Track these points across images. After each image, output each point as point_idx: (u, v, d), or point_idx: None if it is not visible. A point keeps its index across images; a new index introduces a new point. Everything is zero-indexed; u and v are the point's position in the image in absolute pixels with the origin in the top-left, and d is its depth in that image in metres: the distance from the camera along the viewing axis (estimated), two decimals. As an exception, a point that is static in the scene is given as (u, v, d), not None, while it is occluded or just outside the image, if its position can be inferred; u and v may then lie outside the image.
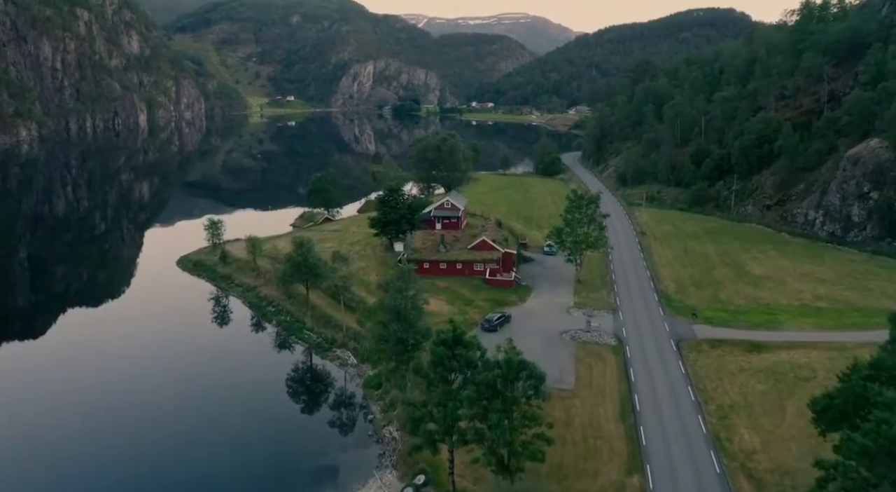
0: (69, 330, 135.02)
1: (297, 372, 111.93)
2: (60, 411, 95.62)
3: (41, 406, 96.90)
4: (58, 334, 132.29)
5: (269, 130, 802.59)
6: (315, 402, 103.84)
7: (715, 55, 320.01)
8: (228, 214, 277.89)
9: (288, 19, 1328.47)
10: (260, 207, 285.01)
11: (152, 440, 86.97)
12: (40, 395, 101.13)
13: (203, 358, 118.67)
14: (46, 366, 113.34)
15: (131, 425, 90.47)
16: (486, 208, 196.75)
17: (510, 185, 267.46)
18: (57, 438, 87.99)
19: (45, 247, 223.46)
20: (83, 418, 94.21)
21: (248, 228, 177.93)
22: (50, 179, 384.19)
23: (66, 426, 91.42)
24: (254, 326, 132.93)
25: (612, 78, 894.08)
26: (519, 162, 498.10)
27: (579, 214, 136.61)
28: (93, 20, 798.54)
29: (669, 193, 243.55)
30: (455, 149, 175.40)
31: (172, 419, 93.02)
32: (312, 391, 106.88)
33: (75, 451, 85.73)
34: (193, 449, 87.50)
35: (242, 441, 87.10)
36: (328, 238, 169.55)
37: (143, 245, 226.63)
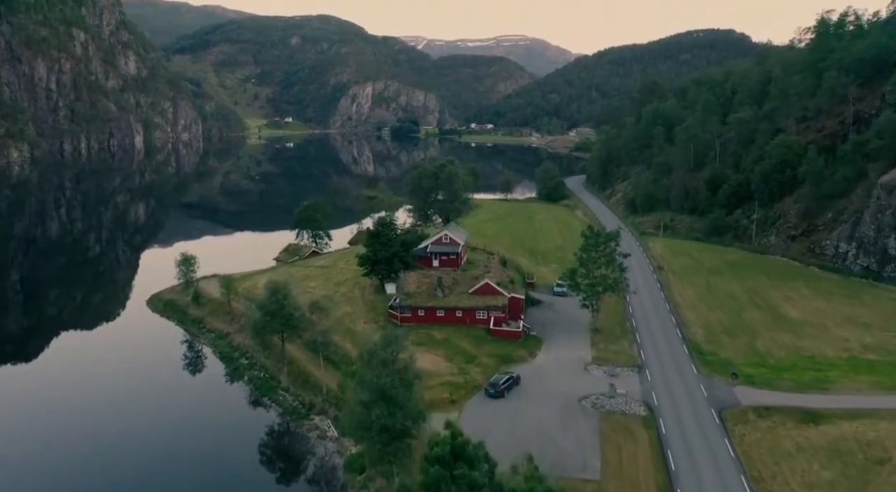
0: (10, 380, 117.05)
1: (266, 444, 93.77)
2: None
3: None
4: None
5: (267, 152, 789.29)
6: (285, 481, 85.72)
7: (725, 75, 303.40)
8: (224, 235, 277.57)
9: (287, 41, 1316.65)
10: (258, 229, 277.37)
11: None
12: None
13: (163, 421, 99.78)
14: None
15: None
16: (488, 241, 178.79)
17: (512, 212, 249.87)
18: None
19: (18, 274, 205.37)
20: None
21: (231, 258, 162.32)
22: (42, 201, 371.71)
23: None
24: (224, 382, 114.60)
25: (612, 99, 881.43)
26: (518, 183, 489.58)
27: (596, 253, 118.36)
28: (89, 41, 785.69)
29: (684, 221, 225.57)
30: (454, 177, 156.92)
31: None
32: (283, 470, 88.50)
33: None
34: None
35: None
36: (313, 276, 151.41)
37: (122, 277, 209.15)
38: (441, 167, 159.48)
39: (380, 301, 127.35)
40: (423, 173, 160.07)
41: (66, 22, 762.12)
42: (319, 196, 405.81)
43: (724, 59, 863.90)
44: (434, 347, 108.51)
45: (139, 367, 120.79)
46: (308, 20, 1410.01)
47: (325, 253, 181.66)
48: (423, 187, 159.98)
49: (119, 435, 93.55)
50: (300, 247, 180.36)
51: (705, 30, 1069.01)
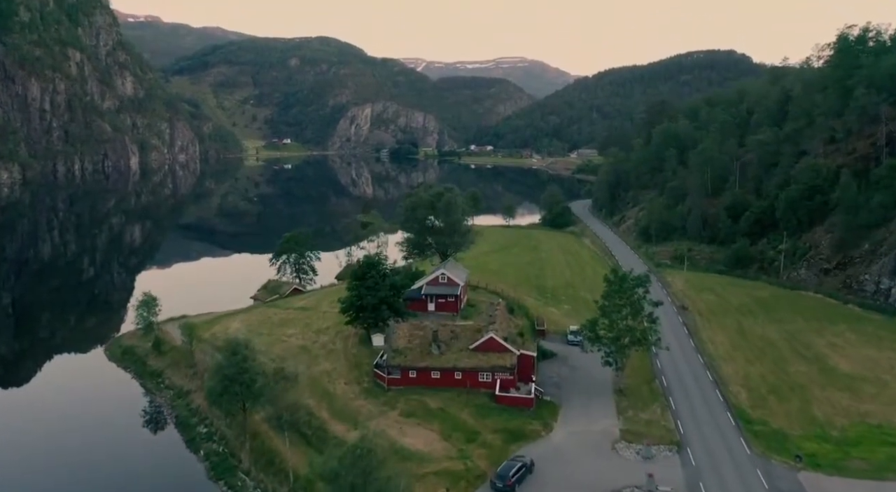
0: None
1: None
2: None
3: None
4: None
5: (265, 173, 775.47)
6: None
7: (739, 95, 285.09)
8: (221, 257, 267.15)
9: (286, 62, 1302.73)
10: (256, 251, 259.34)
11: None
12: None
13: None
14: None
15: None
16: (491, 277, 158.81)
17: (516, 241, 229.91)
18: None
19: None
20: None
21: (212, 290, 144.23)
22: (35, 223, 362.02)
23: None
24: (176, 456, 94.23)
25: (613, 120, 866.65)
26: (519, 205, 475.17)
27: (621, 300, 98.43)
28: (85, 61, 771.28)
29: (703, 251, 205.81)
30: (453, 206, 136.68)
31: None
32: None
33: None
34: None
35: None
36: (291, 320, 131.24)
37: (100, 310, 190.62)
38: (438, 196, 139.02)
39: (365, 355, 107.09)
40: (418, 203, 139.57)
41: (61, 42, 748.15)
42: (315, 218, 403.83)
43: (725, 80, 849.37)
44: (427, 419, 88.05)
45: (79, 431, 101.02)
46: (307, 42, 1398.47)
47: (309, 291, 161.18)
48: (417, 218, 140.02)
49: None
50: (280, 284, 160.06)
51: (705, 50, 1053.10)
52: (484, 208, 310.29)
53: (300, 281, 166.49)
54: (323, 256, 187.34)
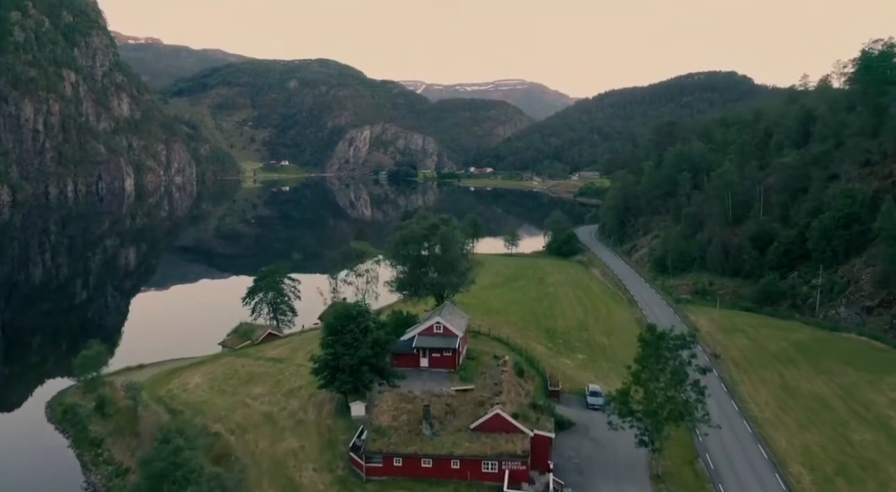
0: None
1: None
2: None
3: None
4: None
5: (263, 195, 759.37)
6: None
7: (755, 115, 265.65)
8: (219, 279, 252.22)
9: (285, 84, 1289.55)
10: (253, 273, 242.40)
11: None
12: None
13: None
14: None
15: None
16: (494, 318, 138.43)
17: (520, 272, 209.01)
18: None
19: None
20: None
21: (183, 329, 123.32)
22: (25, 245, 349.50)
23: None
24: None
25: (614, 142, 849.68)
26: (519, 227, 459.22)
27: (659, 365, 77.87)
28: (80, 82, 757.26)
29: (725, 285, 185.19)
30: (450, 242, 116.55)
31: None
32: None
33: None
34: None
35: None
36: (260, 375, 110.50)
37: (75, 342, 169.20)
38: (432, 228, 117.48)
39: (341, 429, 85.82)
40: (409, 236, 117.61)
41: (56, 62, 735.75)
42: (314, 241, 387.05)
43: (726, 101, 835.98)
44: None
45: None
46: (307, 64, 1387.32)
47: (286, 336, 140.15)
48: (409, 255, 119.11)
49: None
50: (253, 327, 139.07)
51: (706, 72, 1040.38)
52: (484, 231, 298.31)
53: (277, 324, 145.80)
54: (307, 290, 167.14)
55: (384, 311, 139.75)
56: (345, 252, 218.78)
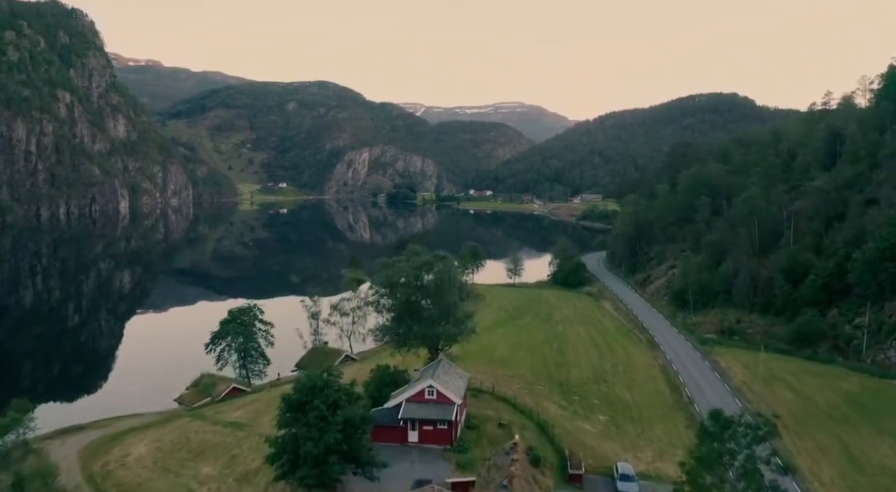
0: None
1: None
2: None
3: None
4: None
5: (260, 218, 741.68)
6: None
7: (774, 135, 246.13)
8: (217, 301, 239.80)
9: (284, 106, 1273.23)
10: (251, 296, 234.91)
11: None
12: None
13: None
14: None
15: None
16: (498, 368, 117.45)
17: (525, 306, 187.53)
18: None
19: None
20: None
21: (143, 376, 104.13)
22: (17, 269, 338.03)
23: None
24: None
25: (616, 164, 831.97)
26: (519, 250, 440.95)
27: (723, 461, 57.11)
28: (75, 103, 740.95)
29: (755, 323, 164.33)
30: (446, 286, 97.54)
31: None
32: None
33: None
34: None
35: None
36: (214, 447, 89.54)
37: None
38: (425, 266, 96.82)
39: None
40: (396, 277, 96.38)
41: (51, 83, 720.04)
42: (311, 264, 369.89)
43: (728, 123, 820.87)
44: None
45: None
46: (306, 86, 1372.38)
47: (254, 391, 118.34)
48: (396, 299, 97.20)
49: None
50: (215, 380, 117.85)
51: (707, 94, 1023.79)
52: (484, 255, 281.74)
53: (247, 373, 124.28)
54: (286, 329, 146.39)
55: (369, 357, 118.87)
56: (334, 277, 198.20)
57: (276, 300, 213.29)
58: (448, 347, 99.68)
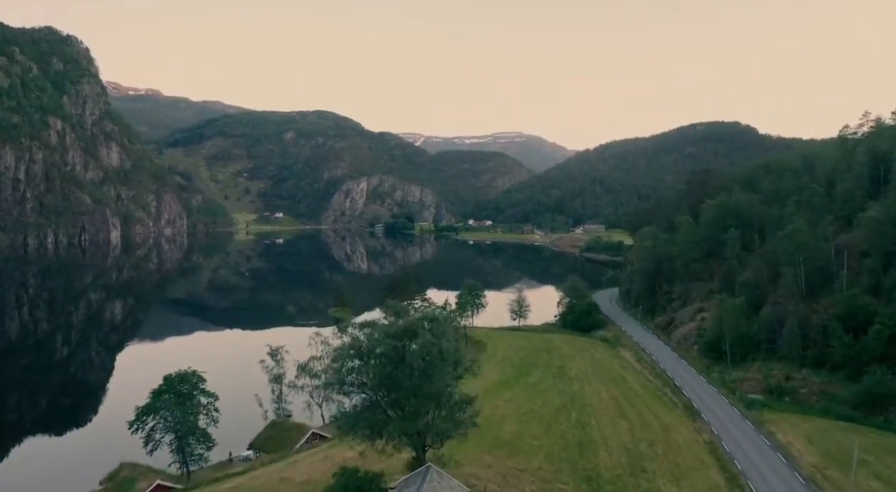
0: None
1: None
2: None
3: None
4: None
5: (256, 248, 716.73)
6: None
7: (804, 161, 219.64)
8: (214, 334, 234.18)
9: (282, 135, 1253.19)
10: (248, 327, 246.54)
11: None
12: None
13: None
14: None
15: None
16: (506, 460, 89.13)
17: (533, 357, 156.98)
18: None
19: None
20: None
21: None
22: (2, 299, 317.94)
23: None
24: None
25: (618, 194, 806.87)
26: (518, 280, 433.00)
27: None
28: (67, 130, 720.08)
29: (809, 381, 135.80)
30: (436, 362, 62.60)
31: None
32: None
33: None
34: None
35: None
36: None
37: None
38: (409, 332, 66.73)
39: None
40: (371, 347, 65.90)
41: (42, 109, 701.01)
42: (309, 295, 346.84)
43: (731, 151, 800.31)
44: None
45: None
46: (304, 115, 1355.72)
47: (187, 489, 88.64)
48: (365, 383, 66.89)
49: None
50: (135, 474, 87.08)
51: (709, 122, 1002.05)
52: (484, 284, 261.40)
53: (184, 459, 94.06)
54: (247, 391, 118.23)
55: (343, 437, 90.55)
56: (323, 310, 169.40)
57: (259, 337, 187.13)
58: (439, 446, 71.07)
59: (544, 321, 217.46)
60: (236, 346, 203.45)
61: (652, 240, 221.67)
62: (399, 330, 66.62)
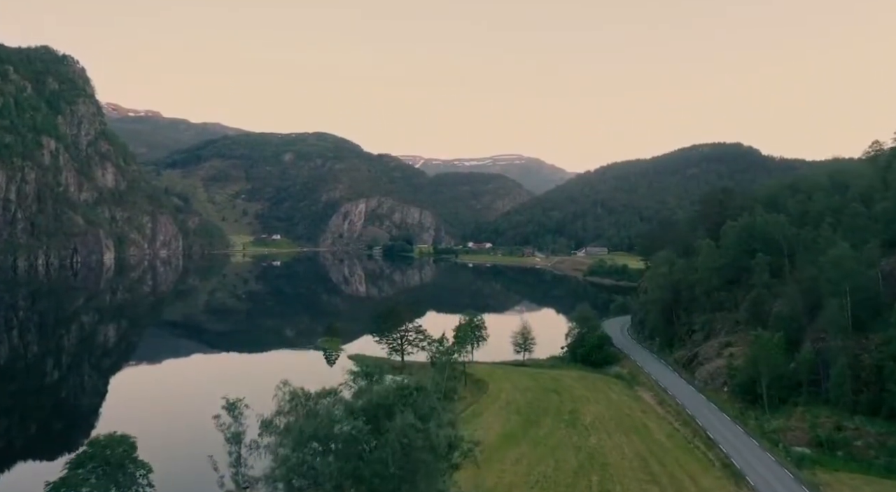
0: None
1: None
2: None
3: None
4: None
5: (253, 270, 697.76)
6: None
7: (832, 179, 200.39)
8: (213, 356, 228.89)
9: (280, 157, 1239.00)
10: (245, 350, 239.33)
11: None
12: None
13: None
14: None
15: None
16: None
17: (541, 400, 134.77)
18: None
19: None
20: None
21: None
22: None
23: None
24: None
25: (620, 216, 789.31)
26: (518, 303, 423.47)
27: None
28: (61, 150, 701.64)
29: (864, 431, 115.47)
30: (423, 452, 47.75)
31: None
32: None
33: None
34: None
35: None
36: None
37: None
38: (382, 409, 46.86)
39: None
40: (327, 430, 47.60)
41: (35, 129, 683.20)
42: (307, 319, 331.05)
43: (734, 173, 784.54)
44: None
45: None
46: (303, 137, 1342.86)
47: None
48: (329, 471, 48.14)
49: None
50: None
51: (711, 143, 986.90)
52: (483, 307, 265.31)
53: None
54: (208, 444, 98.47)
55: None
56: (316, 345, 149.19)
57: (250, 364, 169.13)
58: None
59: (550, 354, 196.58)
60: (220, 378, 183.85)
61: (668, 265, 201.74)
62: (370, 406, 46.82)
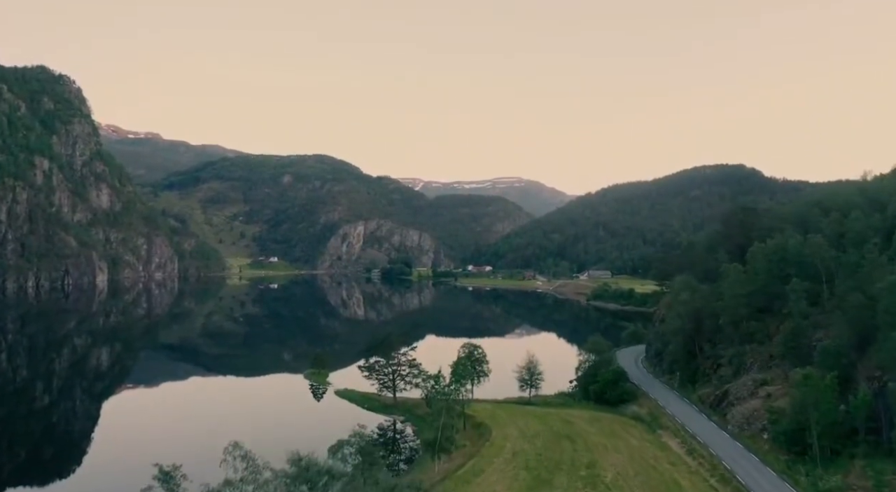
0: None
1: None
2: None
3: None
4: None
5: (250, 293, 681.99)
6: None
7: (865, 197, 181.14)
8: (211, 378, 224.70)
9: (279, 179, 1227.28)
10: (242, 374, 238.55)
11: None
12: None
13: None
14: None
15: None
16: None
17: (554, 450, 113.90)
18: None
19: None
20: None
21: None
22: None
23: None
24: None
25: (622, 238, 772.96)
26: (518, 327, 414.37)
27: None
28: (54, 170, 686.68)
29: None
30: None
31: None
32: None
33: None
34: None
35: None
36: None
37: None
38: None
39: None
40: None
41: (28, 149, 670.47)
42: (304, 342, 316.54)
43: (737, 195, 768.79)
44: None
45: None
46: (302, 159, 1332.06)
47: None
48: None
49: None
50: None
51: (713, 165, 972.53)
52: (483, 331, 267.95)
53: None
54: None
55: None
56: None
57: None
58: None
59: (557, 389, 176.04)
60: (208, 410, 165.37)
61: (690, 292, 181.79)
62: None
